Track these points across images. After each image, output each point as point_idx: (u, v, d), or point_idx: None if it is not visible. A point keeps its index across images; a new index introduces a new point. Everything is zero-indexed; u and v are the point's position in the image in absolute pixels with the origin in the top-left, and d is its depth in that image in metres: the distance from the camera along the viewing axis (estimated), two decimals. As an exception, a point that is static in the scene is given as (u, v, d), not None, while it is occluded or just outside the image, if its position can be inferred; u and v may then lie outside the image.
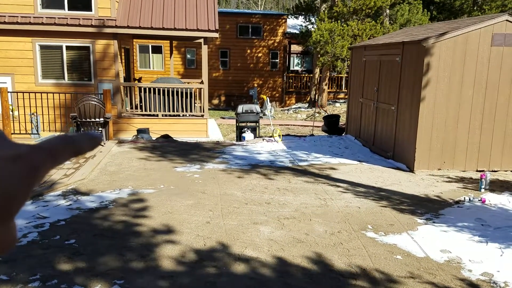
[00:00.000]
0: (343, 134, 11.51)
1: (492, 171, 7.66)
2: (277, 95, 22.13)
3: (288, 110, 20.47)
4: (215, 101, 21.88)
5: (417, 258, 4.27)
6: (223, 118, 18.06)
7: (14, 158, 0.31)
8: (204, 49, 11.73)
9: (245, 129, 11.39)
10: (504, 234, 4.92)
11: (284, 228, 4.87)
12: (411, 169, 7.71)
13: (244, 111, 11.43)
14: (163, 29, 11.22)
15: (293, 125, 16.60)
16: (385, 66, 8.82)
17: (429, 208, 5.78)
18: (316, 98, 19.48)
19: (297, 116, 18.91)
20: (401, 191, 6.54)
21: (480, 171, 7.48)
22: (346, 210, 5.59)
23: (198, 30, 11.22)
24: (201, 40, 11.66)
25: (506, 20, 7.29)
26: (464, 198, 6.15)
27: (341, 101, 20.94)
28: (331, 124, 12.99)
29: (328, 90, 20.79)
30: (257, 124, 11.66)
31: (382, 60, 8.97)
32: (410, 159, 7.75)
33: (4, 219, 0.30)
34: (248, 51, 21.66)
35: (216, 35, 11.43)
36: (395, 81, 8.33)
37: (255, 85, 21.79)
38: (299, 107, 20.79)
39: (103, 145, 8.85)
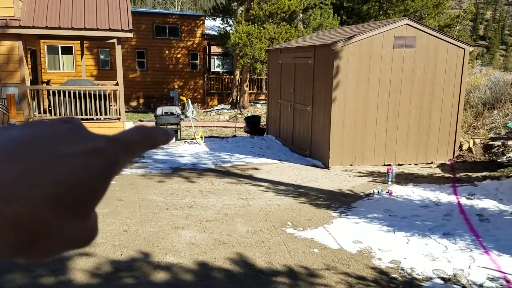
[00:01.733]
0: (265, 135, 11.75)
1: (398, 164, 8.30)
2: (198, 96, 21.98)
3: (210, 111, 20.42)
4: (133, 103, 21.16)
5: (332, 250, 4.50)
6: (141, 121, 17.53)
7: (92, 152, 0.30)
8: (118, 50, 11.30)
9: (166, 132, 11.13)
10: (410, 223, 5.36)
11: (206, 230, 4.86)
12: (326, 166, 8.09)
13: (163, 113, 11.20)
14: (72, 29, 10.62)
15: (216, 126, 16.61)
16: (300, 68, 9.16)
17: (342, 202, 6.11)
18: (238, 99, 19.66)
19: (220, 118, 18.94)
20: (318, 187, 6.84)
21: (387, 165, 8.07)
22: (268, 209, 5.73)
23: (110, 30, 10.77)
24: (115, 40, 11.21)
25: (406, 24, 7.93)
26: (374, 191, 6.59)
27: (262, 102, 21.34)
28: (252, 124, 13.20)
29: (250, 91, 21.08)
30: (178, 126, 11.50)
31: (297, 63, 9.30)
32: (325, 157, 8.14)
33: (84, 213, 0.30)
34: (167, 51, 21.25)
35: (130, 35, 11.06)
36: (309, 83, 8.68)
37: (176, 86, 21.43)
38: (222, 109, 20.83)
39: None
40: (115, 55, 12.00)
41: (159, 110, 11.27)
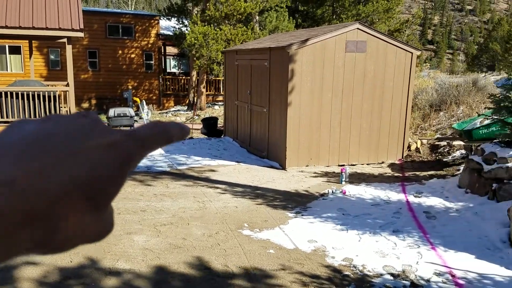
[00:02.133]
0: (222, 136, 11.72)
1: (351, 165, 8.53)
2: (154, 97, 21.58)
3: (166, 112, 20.11)
4: (85, 105, 20.48)
5: (288, 250, 4.56)
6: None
7: (109, 146, 0.31)
8: (69, 49, 10.92)
9: (119, 134, 10.87)
10: (362, 221, 5.52)
11: (160, 235, 4.79)
12: (283, 167, 8.19)
13: (116, 115, 10.92)
14: (20, 28, 10.14)
15: (172, 128, 16.39)
16: (256, 70, 9.21)
17: (298, 202, 6.21)
18: (195, 100, 19.49)
19: (176, 119, 18.70)
20: (274, 188, 6.91)
21: (341, 165, 8.28)
22: (224, 211, 5.72)
23: (60, 29, 10.38)
24: (65, 40, 10.83)
25: (357, 28, 8.16)
26: (328, 190, 6.74)
27: (220, 103, 21.26)
28: (209, 126, 13.12)
29: (207, 92, 20.94)
30: (132, 128, 11.26)
31: (253, 65, 9.35)
32: (282, 158, 8.23)
33: (100, 207, 0.30)
34: (120, 51, 20.72)
35: (81, 34, 10.71)
36: (265, 85, 8.75)
37: (130, 87, 20.94)
38: (178, 110, 20.58)
39: None
40: (65, 55, 11.59)
41: (112, 112, 10.98)
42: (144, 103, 16.59)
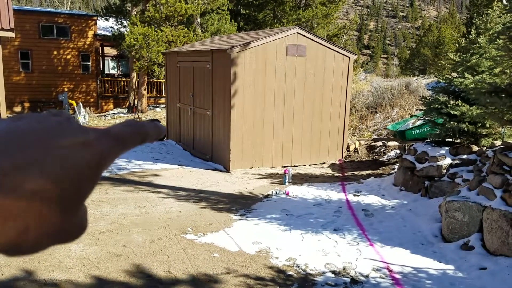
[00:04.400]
0: (165, 139, 11.49)
1: (294, 166, 8.70)
2: (91, 100, 20.73)
3: (105, 116, 19.40)
4: (18, 108, 19.27)
5: (232, 253, 4.55)
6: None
7: (82, 145, 0.30)
8: (-2, 50, 10.22)
9: (54, 139, 10.31)
10: (304, 221, 5.64)
11: (99, 243, 4.60)
12: (227, 169, 8.18)
13: (51, 120, 10.35)
14: None
15: (111, 132, 15.83)
16: (198, 72, 9.14)
17: (243, 205, 6.22)
18: (136, 103, 18.97)
19: (116, 122, 18.02)
20: (219, 191, 6.88)
21: (284, 166, 8.42)
22: (167, 216, 5.60)
23: (-13, 27, 9.69)
24: (-7, 39, 10.12)
25: (297, 32, 8.35)
26: (272, 192, 6.82)
27: (162, 106, 20.85)
28: (150, 129, 12.80)
29: (148, 95, 20.45)
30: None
31: (195, 67, 9.26)
32: (226, 160, 8.22)
33: (74, 206, 0.29)
34: (55, 52, 19.72)
35: (11, 34, 10.08)
36: (208, 87, 8.71)
37: (65, 89, 19.97)
38: (118, 113, 19.91)
39: None
40: (-8, 55, 10.82)
41: (47, 116, 10.39)
42: (81, 105, 15.91)
